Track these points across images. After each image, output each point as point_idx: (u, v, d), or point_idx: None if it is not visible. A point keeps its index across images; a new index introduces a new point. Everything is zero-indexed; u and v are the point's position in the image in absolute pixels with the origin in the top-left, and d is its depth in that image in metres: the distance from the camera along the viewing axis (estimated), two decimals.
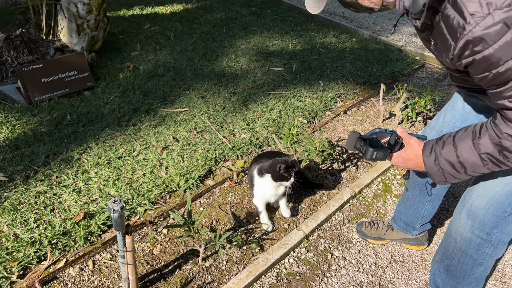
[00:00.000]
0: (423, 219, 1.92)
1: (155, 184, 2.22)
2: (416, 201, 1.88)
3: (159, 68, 3.39)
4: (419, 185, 1.83)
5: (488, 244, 1.43)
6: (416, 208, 1.90)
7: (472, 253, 1.48)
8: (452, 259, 1.56)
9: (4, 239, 1.82)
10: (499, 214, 1.36)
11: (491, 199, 1.36)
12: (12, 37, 2.89)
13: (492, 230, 1.40)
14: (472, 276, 1.54)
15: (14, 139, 2.41)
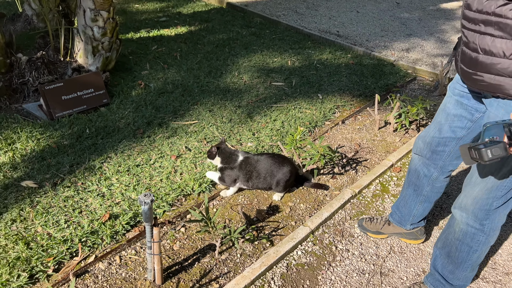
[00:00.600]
0: (413, 218, 2.11)
1: (172, 188, 2.42)
2: (409, 200, 2.08)
3: (168, 85, 3.63)
4: (412, 185, 2.03)
5: (482, 233, 1.63)
6: (409, 207, 2.09)
7: (468, 241, 1.67)
8: (451, 246, 1.75)
9: (39, 238, 2.00)
10: (486, 208, 1.56)
11: (475, 198, 1.57)
12: (34, 59, 3.12)
13: (484, 222, 1.60)
14: (468, 262, 1.73)
15: (40, 151, 2.62)
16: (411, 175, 2.02)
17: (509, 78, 1.33)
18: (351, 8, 6.70)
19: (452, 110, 1.69)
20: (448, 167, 1.84)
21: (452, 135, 1.72)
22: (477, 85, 1.43)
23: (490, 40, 1.32)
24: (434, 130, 1.79)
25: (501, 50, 1.31)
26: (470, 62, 1.41)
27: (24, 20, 3.89)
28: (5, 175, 2.38)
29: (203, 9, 5.90)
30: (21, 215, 2.12)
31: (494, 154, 1.20)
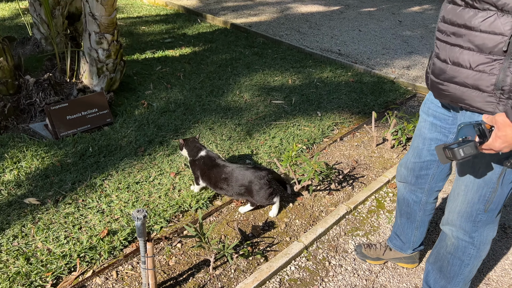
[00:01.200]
0: (414, 244, 2.12)
1: (169, 205, 2.48)
2: (405, 228, 2.09)
3: (171, 105, 3.73)
4: (405, 214, 2.04)
5: (472, 246, 1.65)
6: (407, 235, 2.10)
7: (460, 255, 1.69)
8: (443, 261, 1.77)
9: (39, 253, 2.07)
10: (472, 220, 1.59)
11: (459, 212, 1.60)
12: (40, 80, 3.25)
13: (473, 234, 1.62)
14: (460, 276, 1.75)
15: (44, 169, 2.71)
16: (401, 204, 2.04)
17: (473, 89, 1.37)
18: (353, 27, 6.81)
19: (427, 135, 1.72)
20: (434, 188, 1.86)
21: (432, 158, 1.75)
22: (443, 96, 1.48)
23: (459, 51, 1.38)
24: (413, 155, 1.82)
25: (468, 62, 1.36)
26: (438, 72, 1.46)
27: (33, 43, 4.05)
28: (9, 192, 2.47)
29: (208, 30, 6.05)
30: (22, 231, 2.20)
31: (465, 152, 1.28)
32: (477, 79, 1.35)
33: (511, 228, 2.54)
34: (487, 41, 1.30)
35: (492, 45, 1.29)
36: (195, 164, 2.53)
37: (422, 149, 1.76)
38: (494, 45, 1.29)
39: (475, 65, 1.34)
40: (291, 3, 8.09)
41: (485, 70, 1.33)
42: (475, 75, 1.35)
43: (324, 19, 7.13)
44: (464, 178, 1.55)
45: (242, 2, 7.84)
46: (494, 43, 1.28)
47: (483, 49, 1.32)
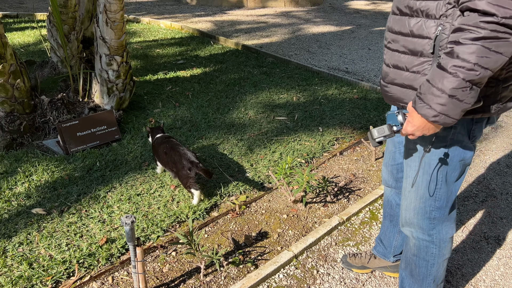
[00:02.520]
0: (395, 249, 2.15)
1: (167, 215, 2.59)
2: (388, 231, 2.14)
3: (178, 122, 3.89)
4: (388, 216, 2.10)
5: (432, 245, 1.70)
6: (389, 239, 2.15)
7: (423, 255, 1.74)
8: (411, 264, 1.81)
9: (41, 259, 2.21)
10: (427, 217, 1.64)
11: (414, 210, 1.66)
12: (54, 100, 3.47)
13: (431, 232, 1.68)
14: (430, 277, 1.78)
15: (52, 182, 2.88)
16: (385, 206, 2.11)
17: (409, 89, 1.48)
18: (363, 45, 6.91)
19: (395, 138, 1.83)
20: None
21: None
22: (388, 97, 1.59)
23: (397, 55, 1.50)
24: (389, 159, 1.91)
25: (404, 64, 1.47)
26: (384, 75, 1.58)
27: (50, 66, 4.32)
28: (19, 203, 2.64)
29: (219, 51, 6.27)
30: (28, 238, 2.35)
31: (379, 132, 1.45)
32: (412, 79, 1.46)
33: (504, 239, 2.53)
34: (417, 45, 1.42)
35: (421, 48, 1.41)
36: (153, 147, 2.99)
37: (395, 152, 1.85)
38: (423, 48, 1.41)
39: (410, 66, 1.46)
40: (303, 24, 8.29)
41: (418, 71, 1.44)
42: (410, 76, 1.47)
43: (334, 39, 7.27)
44: (411, 174, 1.63)
45: (255, 25, 8.09)
46: (423, 46, 1.40)
47: (414, 52, 1.43)
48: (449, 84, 1.23)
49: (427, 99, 1.30)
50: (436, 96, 1.27)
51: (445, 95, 1.25)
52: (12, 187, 2.80)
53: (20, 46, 5.89)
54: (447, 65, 1.23)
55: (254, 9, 9.72)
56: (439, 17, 1.34)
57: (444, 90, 1.25)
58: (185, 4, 10.00)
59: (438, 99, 1.26)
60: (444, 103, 1.26)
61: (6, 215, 2.53)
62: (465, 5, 1.21)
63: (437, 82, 1.26)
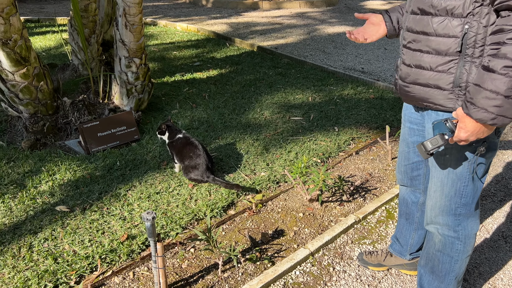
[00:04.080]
0: (411, 247, 2.16)
1: (186, 213, 2.65)
2: (404, 230, 2.16)
3: (195, 122, 3.96)
4: (404, 214, 2.12)
5: (458, 241, 1.71)
6: (405, 237, 2.17)
7: (448, 251, 1.75)
8: (434, 260, 1.82)
9: (66, 254, 2.29)
10: (453, 213, 1.66)
11: (440, 208, 1.68)
12: (76, 101, 3.58)
13: (457, 228, 1.69)
14: (452, 274, 1.79)
15: (75, 181, 2.97)
16: (401, 204, 2.12)
17: (434, 89, 1.50)
18: (378, 45, 6.89)
19: (409, 139, 1.86)
20: None
21: (419, 158, 1.86)
22: (409, 97, 1.59)
23: (420, 55, 1.51)
24: (402, 159, 1.94)
25: (428, 64, 1.49)
26: (405, 76, 1.59)
27: (72, 68, 4.45)
28: (43, 201, 2.74)
29: (235, 53, 6.34)
30: (52, 234, 2.44)
31: (433, 143, 1.43)
32: (437, 79, 1.48)
33: None
34: (442, 44, 1.44)
35: (447, 47, 1.43)
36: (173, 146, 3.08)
37: (408, 152, 1.88)
38: (449, 47, 1.42)
39: (434, 66, 1.48)
40: (318, 25, 8.30)
41: (443, 70, 1.46)
42: (435, 75, 1.48)
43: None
44: (438, 175, 1.65)
45: (271, 26, 8.14)
46: (449, 44, 1.42)
47: (440, 51, 1.45)
48: (503, 86, 1.25)
49: (480, 103, 1.30)
50: (491, 99, 1.28)
51: (501, 97, 1.26)
52: (36, 186, 2.90)
53: (42, 49, 6.06)
54: (497, 67, 1.25)
55: (269, 11, 9.77)
56: (466, 15, 1.36)
57: (499, 92, 1.26)
58: (201, 7, 10.12)
59: (494, 101, 1.27)
60: (501, 104, 1.27)
61: (32, 212, 2.62)
62: (504, 4, 1.23)
63: (488, 85, 1.27)
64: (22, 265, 2.20)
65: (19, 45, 3.21)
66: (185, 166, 2.94)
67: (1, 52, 3.16)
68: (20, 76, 3.29)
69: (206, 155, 2.95)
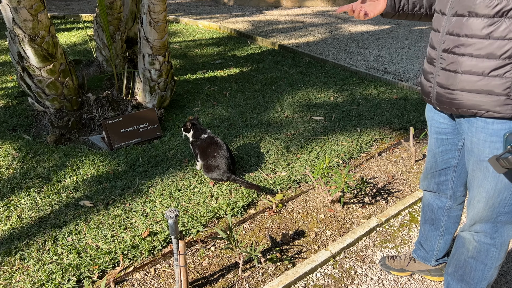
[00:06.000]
0: (437, 253, 2.11)
1: (206, 211, 2.66)
2: (429, 235, 2.10)
3: (216, 120, 3.96)
4: (429, 220, 2.07)
5: (494, 248, 1.67)
6: (430, 243, 2.11)
7: (483, 258, 1.70)
8: (465, 267, 1.77)
9: (89, 249, 2.32)
10: (492, 221, 1.61)
11: (481, 218, 1.63)
12: (100, 98, 3.63)
13: (494, 235, 1.65)
14: (484, 281, 1.74)
15: (98, 176, 3.01)
16: (425, 210, 2.07)
17: (488, 95, 1.43)
18: (402, 45, 6.77)
19: (436, 149, 1.82)
20: (457, 193, 1.89)
21: (447, 165, 1.82)
22: (453, 105, 1.53)
23: (468, 60, 1.44)
24: (429, 166, 1.90)
25: (480, 69, 1.42)
26: (447, 82, 1.52)
27: (96, 65, 4.51)
28: (68, 195, 2.79)
29: (256, 51, 6.32)
30: (76, 229, 2.47)
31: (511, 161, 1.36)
32: (491, 84, 1.41)
33: None
34: (497, 47, 1.37)
35: (503, 50, 1.37)
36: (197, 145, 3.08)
37: (436, 161, 1.84)
38: (504, 50, 1.36)
39: (488, 71, 1.41)
40: (340, 24, 8.21)
41: (498, 75, 1.39)
42: (488, 81, 1.42)
43: (373, 38, 7.16)
44: (485, 185, 1.58)
45: (292, 24, 8.09)
46: (504, 47, 1.36)
47: (494, 54, 1.39)
48: None
49: None
50: None
51: None
52: (61, 180, 2.95)
53: (67, 46, 6.17)
54: None
55: (291, 9, 9.71)
56: None
57: None
58: (223, 5, 10.13)
59: None
60: None
61: (57, 206, 2.67)
62: None
63: None
64: (46, 258, 2.24)
65: (46, 41, 3.26)
66: (208, 165, 2.94)
67: (29, 48, 3.22)
68: (46, 72, 3.35)
69: (229, 155, 2.95)
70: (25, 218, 2.54)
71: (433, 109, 1.76)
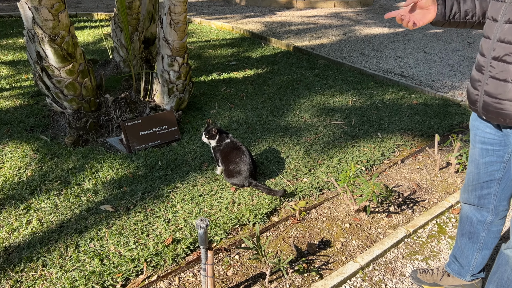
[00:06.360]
0: (474, 268, 2.03)
1: (229, 218, 2.60)
2: (466, 249, 2.03)
3: (233, 123, 3.91)
4: (467, 233, 1.99)
5: None
6: (467, 257, 2.03)
7: None
8: (508, 286, 1.70)
9: (112, 256, 2.27)
10: None
11: None
12: (118, 99, 3.58)
13: None
14: None
15: (118, 179, 2.96)
16: (463, 223, 1.99)
17: None
18: (418, 48, 6.68)
19: (480, 159, 1.74)
20: (499, 208, 1.82)
21: (491, 178, 1.74)
22: (502, 115, 1.47)
23: None
24: (471, 178, 1.83)
25: None
26: (496, 92, 1.47)
27: (113, 65, 4.46)
28: (88, 199, 2.74)
29: (271, 52, 6.26)
30: (98, 234, 2.42)
31: None
32: None
33: None
34: None
35: None
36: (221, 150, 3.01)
37: (479, 173, 1.77)
38: None
39: None
40: (354, 26, 8.13)
41: None
42: None
43: (387, 41, 7.08)
44: None
45: (305, 26, 8.02)
46: None
47: None
48: None
49: None
50: None
51: None
52: (80, 183, 2.90)
53: (81, 45, 6.13)
54: None
55: (304, 10, 9.64)
56: None
57: None
58: (234, 5, 10.07)
59: None
60: None
61: (77, 210, 2.62)
62: None
63: None
64: (69, 265, 2.19)
65: (66, 41, 3.22)
66: (229, 170, 2.89)
67: (48, 48, 3.18)
68: (65, 72, 3.31)
69: (251, 161, 2.89)
70: (46, 222, 2.50)
71: (479, 118, 1.70)
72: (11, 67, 5.09)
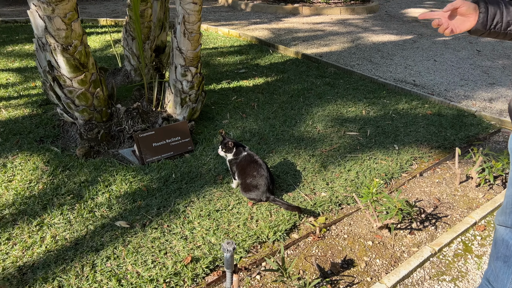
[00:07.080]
0: None
1: (248, 235, 2.52)
2: (501, 273, 1.94)
3: (246, 134, 3.83)
4: (502, 257, 1.90)
5: None
6: (502, 281, 1.94)
7: None
8: None
9: (129, 276, 2.19)
10: None
11: None
12: (130, 109, 3.51)
13: None
14: None
15: (131, 193, 2.88)
16: (498, 246, 1.91)
17: None
18: (428, 57, 6.63)
19: None
20: None
21: None
22: None
23: None
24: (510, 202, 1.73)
25: None
26: None
27: (123, 74, 4.40)
28: (102, 214, 2.66)
29: (280, 60, 6.20)
30: (114, 253, 2.34)
31: None
32: None
33: None
34: None
35: None
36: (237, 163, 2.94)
37: None
38: None
39: None
40: (361, 33, 8.08)
41: None
42: None
43: (396, 49, 7.02)
44: None
45: (312, 33, 7.97)
46: None
47: None
48: None
49: None
50: None
51: None
52: (93, 197, 2.82)
53: None
54: None
55: (310, 17, 9.60)
56: None
57: None
58: (240, 11, 10.04)
59: None
60: None
61: (91, 226, 2.54)
62: None
63: None
64: (86, 286, 2.11)
65: (78, 51, 3.15)
66: (246, 184, 2.81)
67: (61, 58, 3.11)
68: (77, 82, 3.24)
69: (268, 175, 2.82)
70: (60, 239, 2.42)
71: None
72: (18, 74, 5.03)
